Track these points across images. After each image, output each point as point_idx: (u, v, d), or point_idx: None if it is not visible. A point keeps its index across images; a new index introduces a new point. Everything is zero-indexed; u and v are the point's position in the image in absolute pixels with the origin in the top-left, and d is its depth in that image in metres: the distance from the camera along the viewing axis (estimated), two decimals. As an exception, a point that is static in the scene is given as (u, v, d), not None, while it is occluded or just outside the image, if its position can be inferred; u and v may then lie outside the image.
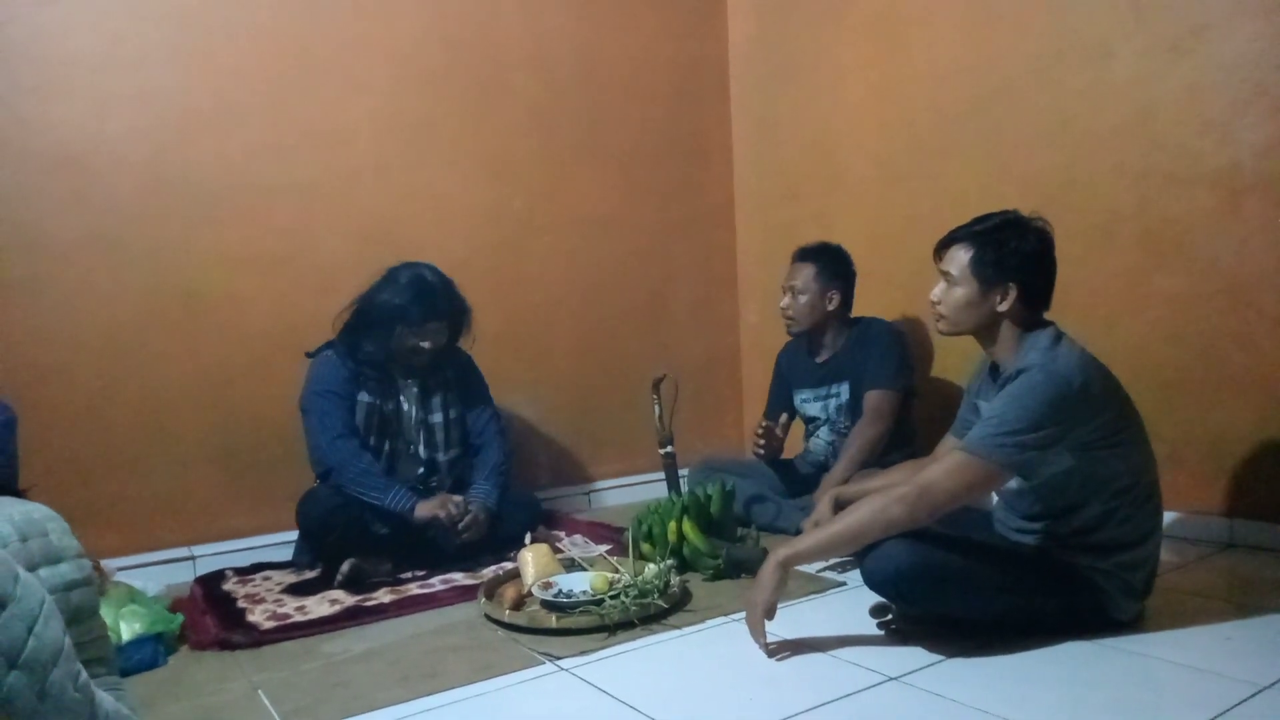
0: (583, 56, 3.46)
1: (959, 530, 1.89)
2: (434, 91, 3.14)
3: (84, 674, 1.41)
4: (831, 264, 2.83)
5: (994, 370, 1.92)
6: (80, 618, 1.54)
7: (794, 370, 3.01)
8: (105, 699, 1.42)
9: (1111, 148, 2.56)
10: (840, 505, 1.99)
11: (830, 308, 2.83)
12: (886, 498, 1.71)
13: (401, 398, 2.62)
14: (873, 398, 2.72)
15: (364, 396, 2.53)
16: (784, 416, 2.84)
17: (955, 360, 2.95)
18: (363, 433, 2.52)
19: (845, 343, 2.86)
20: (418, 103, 3.11)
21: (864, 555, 1.82)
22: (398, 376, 2.61)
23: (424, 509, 2.44)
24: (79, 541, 1.59)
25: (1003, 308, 1.80)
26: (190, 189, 2.71)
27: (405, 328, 2.50)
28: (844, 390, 2.84)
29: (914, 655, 1.73)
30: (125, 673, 1.75)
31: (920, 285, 2.99)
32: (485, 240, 3.25)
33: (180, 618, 2.03)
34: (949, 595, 1.76)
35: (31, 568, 1.46)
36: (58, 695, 1.29)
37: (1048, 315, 1.87)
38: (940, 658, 1.71)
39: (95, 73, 2.59)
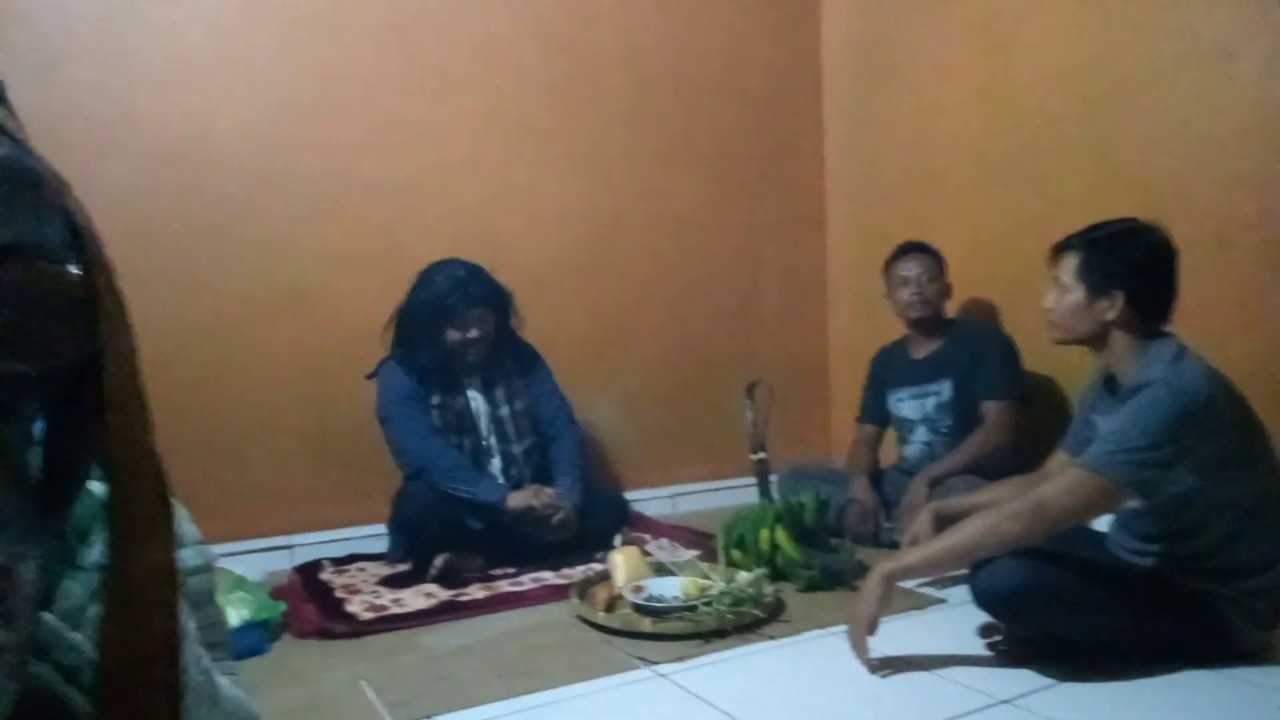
0: (675, 56, 3.44)
1: (1071, 549, 1.81)
2: (529, 90, 3.16)
3: (206, 657, 1.45)
4: (942, 260, 2.82)
5: (1109, 383, 1.84)
6: (200, 603, 1.58)
7: (890, 370, 2.93)
8: (224, 682, 1.46)
9: (1231, 154, 2.43)
10: (942, 521, 1.93)
11: (946, 299, 2.82)
12: (1000, 514, 1.65)
13: (468, 395, 2.66)
14: (993, 410, 2.64)
15: (433, 399, 2.59)
16: (875, 498, 2.72)
17: (1059, 389, 2.85)
18: (441, 431, 2.57)
19: (950, 339, 2.79)
20: (513, 102, 3.13)
21: (972, 572, 1.77)
22: (461, 375, 2.65)
23: (516, 499, 2.48)
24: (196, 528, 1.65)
25: (1110, 316, 1.74)
26: (294, 185, 2.78)
27: (449, 322, 2.54)
28: (945, 389, 2.75)
29: (1025, 678, 1.67)
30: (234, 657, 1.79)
31: (1022, 293, 2.91)
32: (575, 239, 3.26)
33: (283, 605, 2.08)
34: (1062, 617, 1.69)
35: (156, 553, 1.52)
36: (184, 678, 1.33)
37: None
38: (1053, 681, 1.65)
39: (205, 72, 2.68)
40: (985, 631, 1.82)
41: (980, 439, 2.61)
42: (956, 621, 2.00)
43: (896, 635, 1.92)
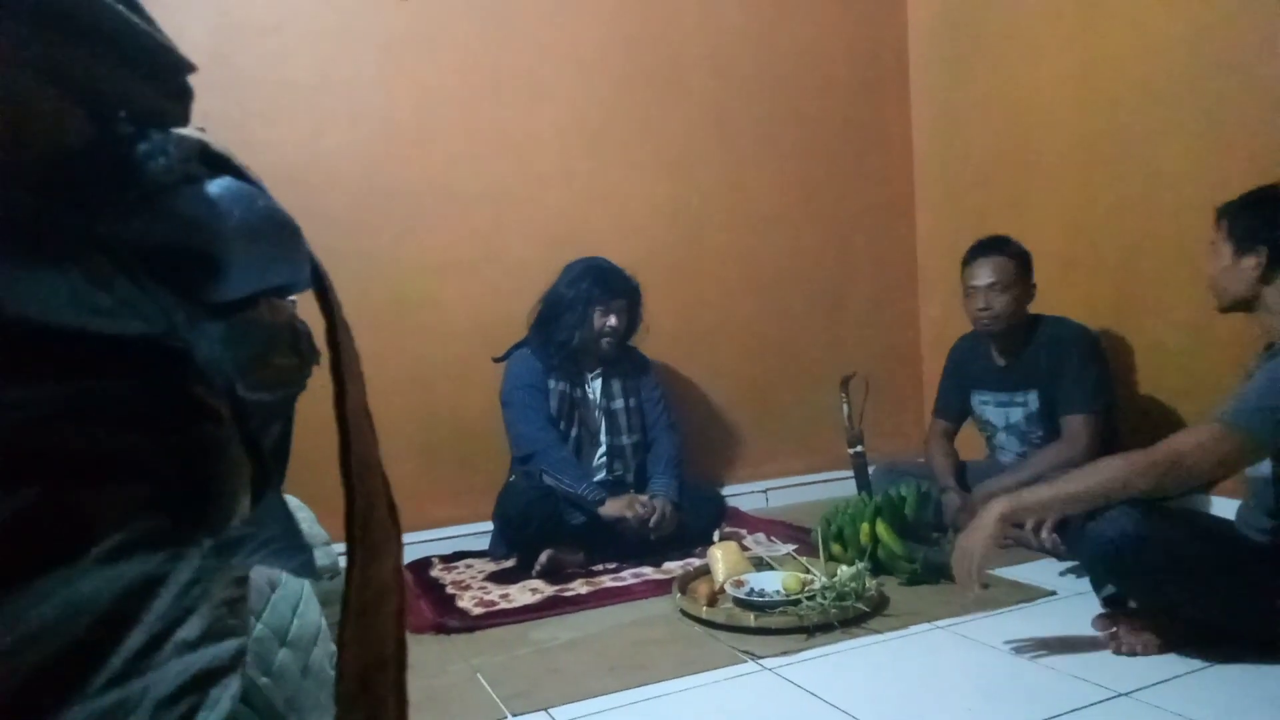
0: (759, 52, 3.44)
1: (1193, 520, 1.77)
2: (615, 95, 3.22)
3: (336, 653, 1.55)
4: (1025, 255, 2.65)
5: (1270, 349, 1.79)
6: (329, 601, 1.69)
7: (971, 369, 2.82)
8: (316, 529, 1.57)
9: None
10: None
11: (1028, 304, 2.64)
12: (1130, 461, 1.63)
13: (587, 386, 2.78)
14: (1071, 423, 2.50)
15: (554, 384, 2.70)
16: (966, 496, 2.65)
17: (1173, 376, 2.74)
18: (555, 417, 2.69)
19: (1033, 345, 2.63)
20: (600, 107, 3.19)
21: (1083, 522, 1.75)
22: (584, 368, 2.78)
23: (612, 507, 2.55)
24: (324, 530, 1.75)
25: (1257, 273, 1.72)
26: (396, 200, 2.90)
27: (595, 309, 2.68)
28: (1032, 399, 2.62)
29: (1144, 669, 1.63)
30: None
31: (1128, 275, 2.82)
32: (664, 239, 3.30)
33: (399, 601, 2.17)
34: (1173, 578, 1.65)
35: (289, 554, 1.62)
36: (318, 672, 1.42)
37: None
38: (1176, 673, 1.61)
39: (311, 96, 2.81)
40: (1101, 623, 1.78)
41: (1053, 454, 2.47)
42: (1067, 614, 1.96)
43: (1006, 628, 1.90)
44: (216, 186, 0.44)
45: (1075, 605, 2.02)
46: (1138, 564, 1.66)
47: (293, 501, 1.80)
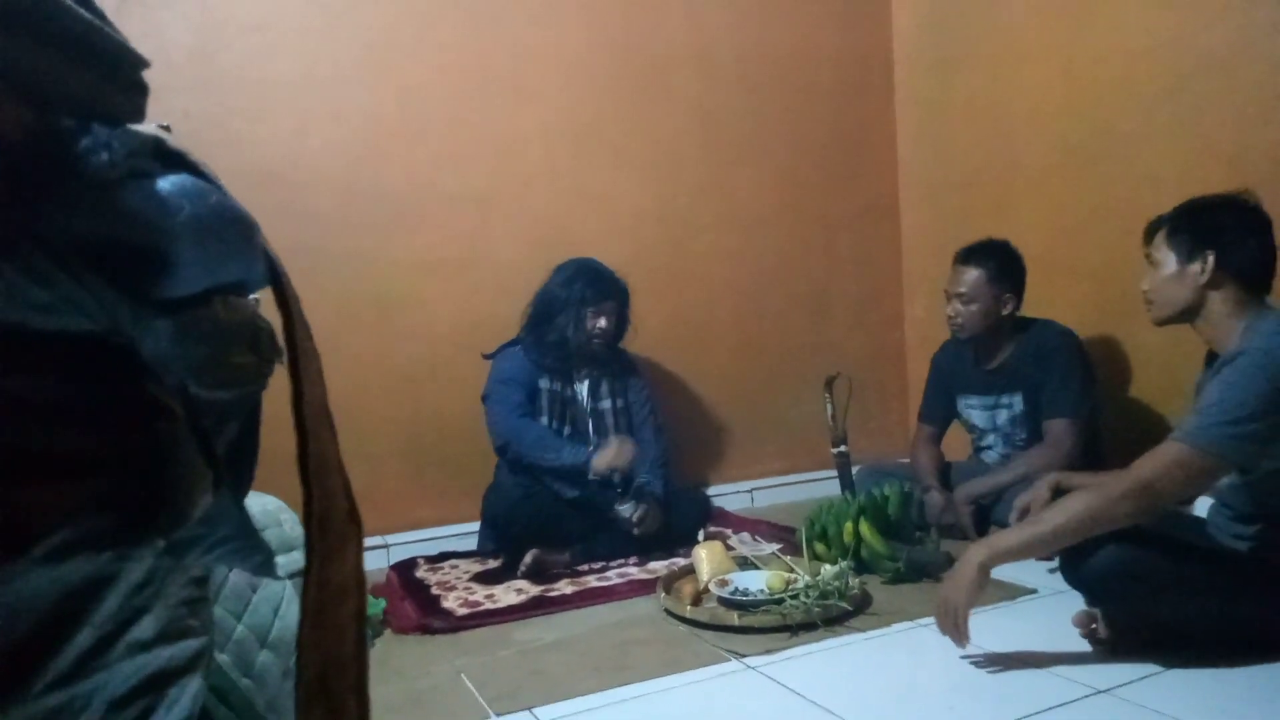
0: (744, 53, 3.45)
1: (1169, 532, 1.78)
2: (601, 96, 3.22)
3: (295, 654, 1.54)
4: (1003, 265, 2.63)
5: (1211, 359, 1.80)
6: (311, 601, 1.69)
7: (957, 373, 2.84)
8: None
9: (1334, 123, 2.34)
10: (1060, 494, 1.88)
11: (1005, 312, 2.63)
12: (1107, 494, 1.60)
13: (576, 386, 2.80)
14: (1054, 427, 2.52)
15: (545, 384, 2.73)
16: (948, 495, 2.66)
17: (1156, 377, 2.76)
18: (545, 417, 2.72)
19: (1018, 349, 2.65)
20: (585, 108, 3.19)
21: (1066, 554, 1.75)
22: (574, 367, 2.79)
23: (600, 461, 2.60)
24: (306, 530, 1.74)
25: (1203, 279, 1.71)
26: (380, 200, 2.89)
27: (586, 309, 2.70)
28: (1017, 402, 2.65)
29: (1122, 668, 1.64)
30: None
31: (1110, 278, 2.84)
32: (650, 239, 3.30)
33: (383, 602, 2.17)
34: (1157, 599, 1.67)
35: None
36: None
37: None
38: (1155, 670, 1.62)
39: (294, 94, 2.80)
40: (1081, 620, 1.79)
41: (1036, 457, 2.50)
42: (1048, 612, 1.98)
43: (988, 627, 1.91)
44: (167, 182, 0.44)
45: (1056, 603, 2.03)
46: (1122, 593, 1.68)
47: (275, 502, 1.78)
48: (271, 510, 1.67)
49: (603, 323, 2.73)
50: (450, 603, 2.25)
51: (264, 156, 2.76)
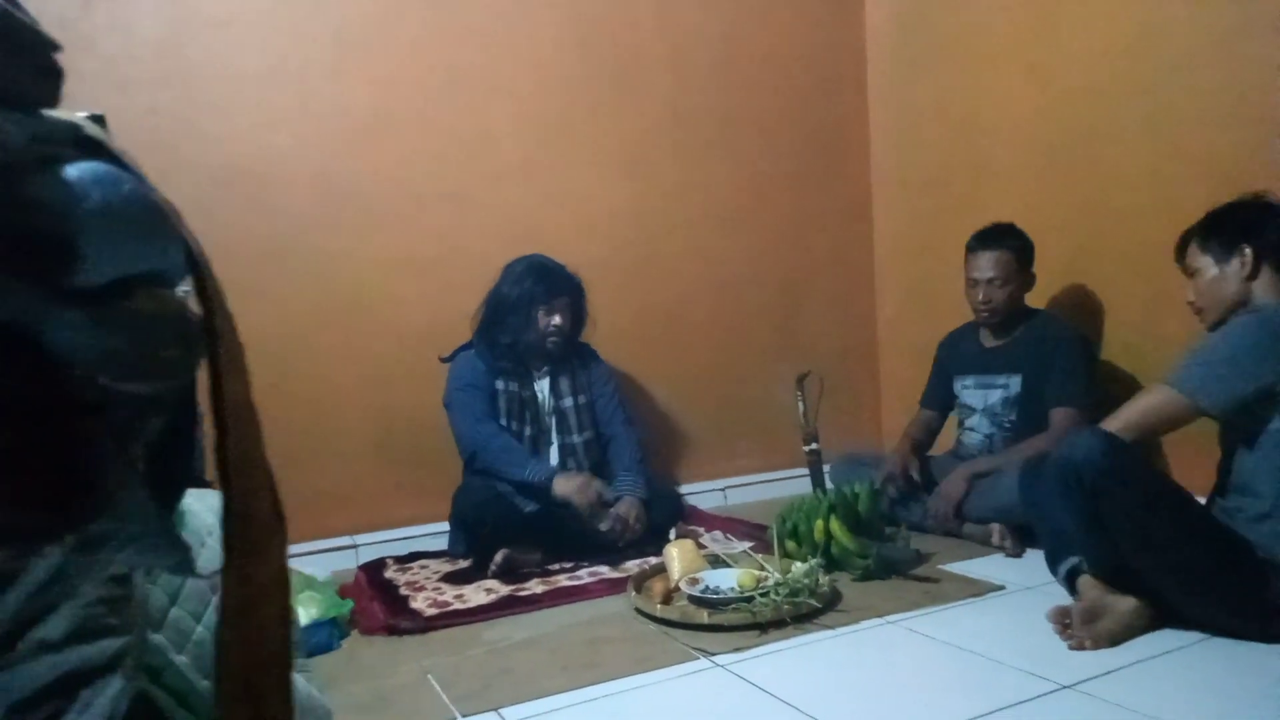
0: (717, 52, 3.45)
1: None
2: (573, 93, 3.21)
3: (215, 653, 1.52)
4: (1025, 244, 2.68)
5: None
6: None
7: (957, 356, 2.88)
8: (299, 680, 1.52)
9: (1296, 124, 2.37)
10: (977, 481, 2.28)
11: (1028, 290, 2.71)
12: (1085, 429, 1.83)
13: (536, 386, 2.77)
14: (1058, 416, 2.52)
15: (501, 385, 2.69)
16: (915, 474, 2.74)
17: (1122, 375, 2.80)
18: (505, 419, 2.67)
19: (1021, 333, 2.69)
20: (557, 105, 3.18)
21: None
22: (531, 366, 2.76)
23: (561, 486, 2.54)
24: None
25: (1245, 273, 1.80)
26: (351, 197, 2.86)
27: (538, 308, 2.66)
28: (1015, 383, 2.68)
29: (1090, 662, 1.66)
30: (305, 655, 1.87)
31: (1079, 276, 2.87)
32: (623, 237, 3.29)
33: (350, 603, 2.15)
34: (1138, 514, 1.72)
35: (230, 553, 1.59)
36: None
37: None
38: (1119, 664, 1.63)
39: (263, 89, 2.77)
40: (1055, 615, 1.80)
41: (1041, 443, 2.49)
42: (1016, 607, 1.99)
43: (957, 623, 1.93)
44: (76, 170, 0.43)
45: (1024, 599, 2.05)
46: (1102, 482, 1.74)
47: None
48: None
49: (557, 320, 2.69)
50: (419, 603, 2.23)
51: (232, 151, 2.72)
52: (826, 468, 2.86)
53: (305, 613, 2.00)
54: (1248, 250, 1.80)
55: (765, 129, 3.55)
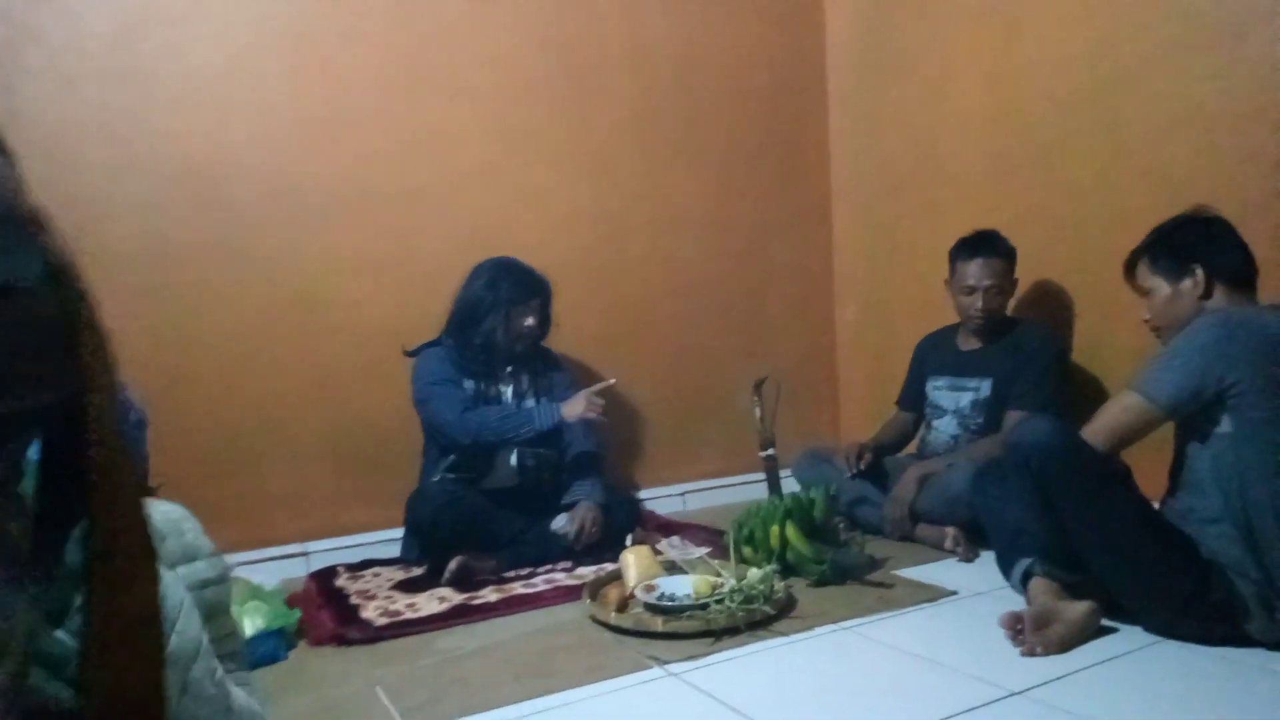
0: (680, 56, 3.45)
1: None
2: (535, 95, 3.18)
3: (220, 669, 1.47)
4: (1012, 249, 2.72)
5: None
6: (214, 615, 1.61)
7: (934, 357, 2.90)
8: (238, 694, 1.48)
9: (1242, 135, 2.41)
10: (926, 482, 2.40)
11: (1010, 298, 2.75)
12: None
13: (500, 386, 2.76)
14: (1013, 419, 2.54)
15: (469, 384, 2.68)
16: (869, 455, 2.79)
17: (1074, 382, 2.83)
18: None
19: (999, 338, 2.72)
20: (520, 106, 3.15)
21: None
22: (497, 367, 2.75)
23: (570, 410, 2.63)
24: (211, 540, 1.67)
25: (1199, 290, 1.82)
26: (306, 195, 2.81)
27: (514, 309, 2.66)
28: (985, 386, 2.70)
29: (1041, 668, 1.67)
30: (249, 666, 1.82)
31: (1033, 283, 2.90)
32: (585, 240, 3.27)
33: (298, 613, 2.10)
34: (1085, 500, 1.76)
35: (171, 565, 1.53)
36: (197, 691, 1.35)
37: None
38: (1068, 670, 1.65)
39: (217, 87, 2.71)
40: (1008, 621, 1.80)
41: (987, 445, 2.55)
42: (968, 613, 2.00)
43: (910, 629, 1.93)
44: None
45: (976, 604, 2.06)
46: (1052, 469, 1.79)
47: (177, 510, 1.70)
48: (174, 519, 1.59)
49: (530, 321, 2.69)
50: (369, 612, 2.19)
51: (185, 149, 2.66)
52: (785, 472, 2.86)
53: (250, 623, 1.95)
54: (1199, 271, 1.81)
55: (728, 134, 3.55)
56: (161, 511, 1.66)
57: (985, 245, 2.70)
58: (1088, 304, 2.82)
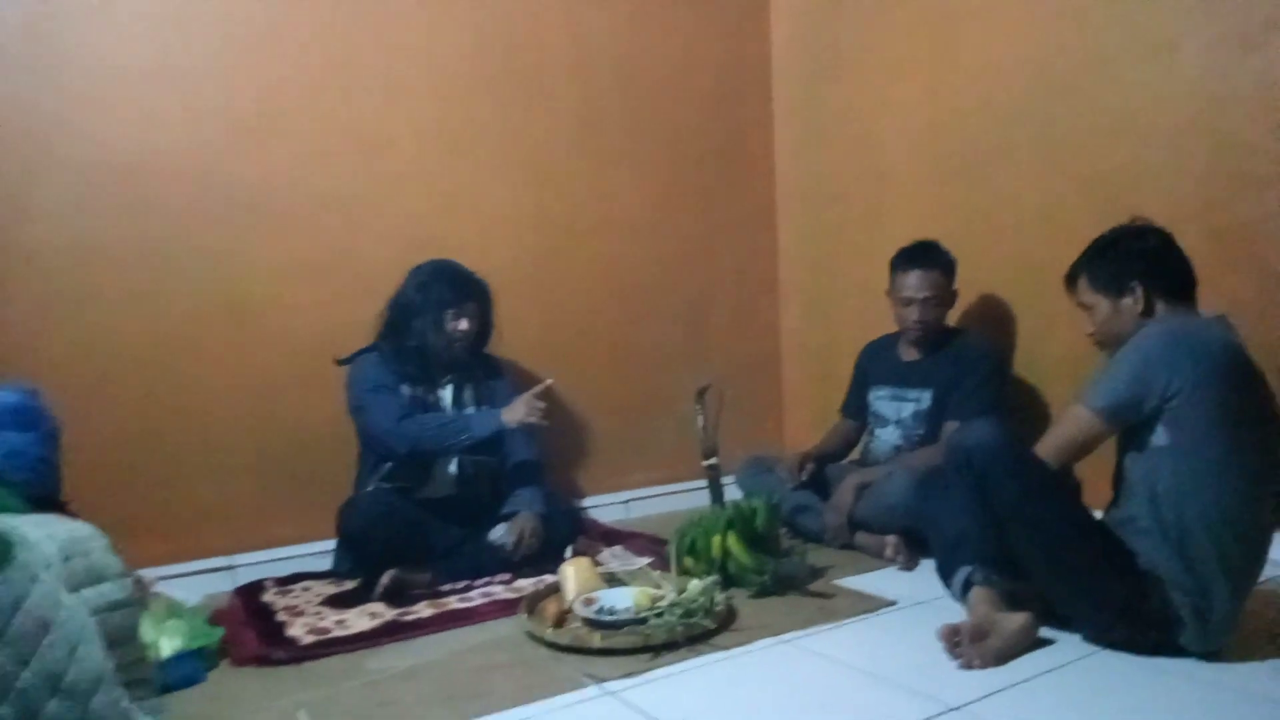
0: (624, 60, 3.41)
1: None
2: (476, 98, 3.11)
3: (125, 699, 1.39)
4: (951, 261, 2.71)
5: None
6: (122, 639, 1.52)
7: (875, 365, 2.90)
8: (146, 722, 1.40)
9: (1176, 146, 2.46)
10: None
11: (949, 309, 2.74)
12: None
13: (439, 393, 2.69)
14: (953, 429, 2.51)
15: (406, 390, 2.60)
16: (811, 466, 2.80)
17: (1015, 388, 2.86)
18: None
19: (939, 349, 2.72)
20: (460, 109, 3.08)
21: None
22: (435, 373, 2.68)
23: (510, 415, 2.55)
24: (121, 559, 1.58)
25: (1140, 308, 1.81)
26: (237, 198, 2.71)
27: (446, 312, 2.59)
28: (926, 397, 2.71)
29: (978, 682, 1.66)
30: (166, 689, 1.73)
31: (971, 288, 2.92)
32: (526, 246, 3.22)
33: (221, 631, 2.01)
34: (1024, 502, 1.76)
35: (75, 588, 1.44)
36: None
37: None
38: (1005, 684, 1.64)
39: (144, 84, 2.59)
40: (946, 633, 1.79)
41: (925, 455, 2.55)
42: (907, 624, 2.00)
43: (849, 640, 1.92)
44: None
45: (916, 615, 2.06)
46: (994, 471, 1.78)
47: (85, 529, 1.60)
48: (81, 538, 1.51)
49: (464, 325, 2.62)
50: (296, 630, 2.10)
51: (109, 148, 2.55)
52: (729, 480, 2.84)
53: (168, 643, 1.86)
54: (1139, 288, 1.81)
55: (672, 138, 3.52)
56: (68, 530, 1.57)
57: (923, 257, 2.69)
58: (1026, 311, 2.85)
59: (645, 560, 2.49)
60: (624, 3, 3.41)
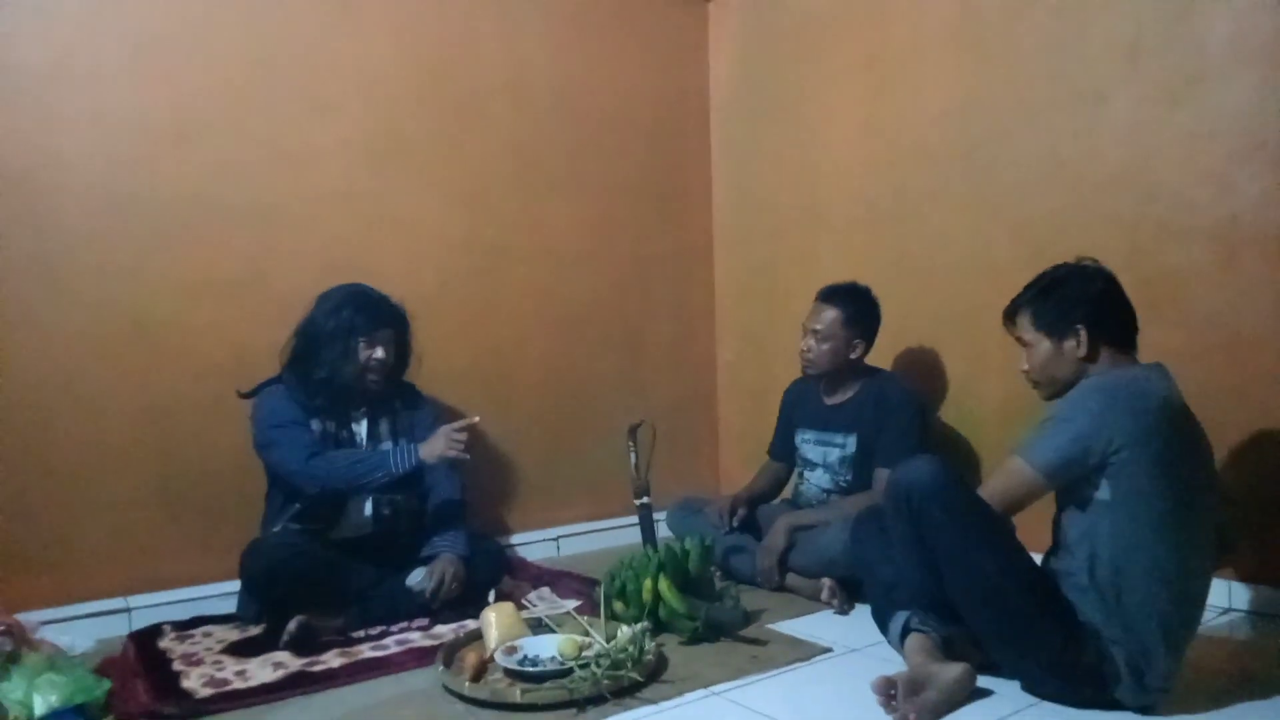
0: (561, 86, 3.35)
1: None
2: (406, 116, 3.01)
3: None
4: (860, 310, 2.65)
5: None
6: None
7: (800, 408, 2.85)
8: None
9: (1105, 195, 2.50)
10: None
11: (853, 356, 2.66)
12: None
13: (354, 427, 2.53)
14: (883, 477, 2.50)
15: (316, 425, 2.44)
16: (743, 511, 2.77)
17: (946, 429, 2.87)
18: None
19: (861, 393, 2.68)
20: (388, 127, 2.97)
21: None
22: (349, 405, 2.52)
23: (429, 450, 2.36)
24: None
25: (1081, 352, 1.77)
26: (142, 210, 2.55)
27: (358, 340, 2.44)
28: (850, 442, 2.67)
29: (911, 739, 1.60)
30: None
31: (904, 328, 2.92)
32: (456, 271, 3.11)
33: (107, 684, 1.83)
34: (961, 542, 1.70)
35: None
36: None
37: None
38: (939, 742, 1.59)
39: (43, 86, 2.43)
40: (880, 686, 1.73)
41: (858, 501, 2.51)
42: (842, 672, 1.94)
43: (783, 689, 1.85)
44: None
45: (851, 663, 2.00)
46: (931, 508, 1.72)
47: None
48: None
49: (379, 353, 2.46)
50: (192, 681, 1.94)
51: (1, 155, 2.37)
52: (660, 515, 2.76)
53: (43, 701, 1.67)
54: (1082, 332, 1.77)
55: (609, 170, 3.47)
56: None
57: (830, 293, 2.68)
58: (956, 354, 2.86)
59: (572, 603, 2.39)
60: (564, 31, 3.36)
